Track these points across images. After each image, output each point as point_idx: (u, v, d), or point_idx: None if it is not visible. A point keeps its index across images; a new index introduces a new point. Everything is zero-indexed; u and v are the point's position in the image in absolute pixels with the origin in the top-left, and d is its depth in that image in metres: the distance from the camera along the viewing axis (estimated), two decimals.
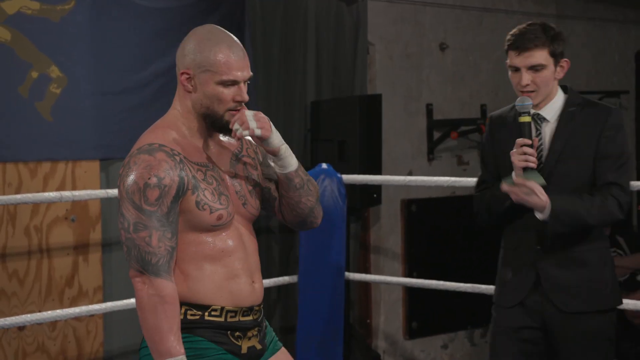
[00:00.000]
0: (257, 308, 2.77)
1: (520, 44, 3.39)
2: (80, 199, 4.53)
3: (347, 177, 5.21)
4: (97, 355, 4.98)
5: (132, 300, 4.61)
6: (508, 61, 3.46)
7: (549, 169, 3.41)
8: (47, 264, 4.80)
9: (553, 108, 3.47)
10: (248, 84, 2.76)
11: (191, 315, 2.67)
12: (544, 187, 3.32)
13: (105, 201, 4.96)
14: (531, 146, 3.31)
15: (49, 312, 4.41)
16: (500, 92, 6.94)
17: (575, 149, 3.41)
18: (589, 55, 7.55)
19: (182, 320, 2.64)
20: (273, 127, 2.67)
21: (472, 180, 5.09)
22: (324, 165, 5.18)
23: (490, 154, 3.61)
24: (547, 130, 3.46)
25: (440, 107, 6.59)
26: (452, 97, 6.67)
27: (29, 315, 4.33)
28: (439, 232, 6.52)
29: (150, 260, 2.58)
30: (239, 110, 2.70)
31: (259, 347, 2.77)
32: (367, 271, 6.18)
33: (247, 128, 2.62)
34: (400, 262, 6.40)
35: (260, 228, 5.55)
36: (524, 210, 3.42)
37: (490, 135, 3.61)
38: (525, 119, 3.36)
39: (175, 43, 5.14)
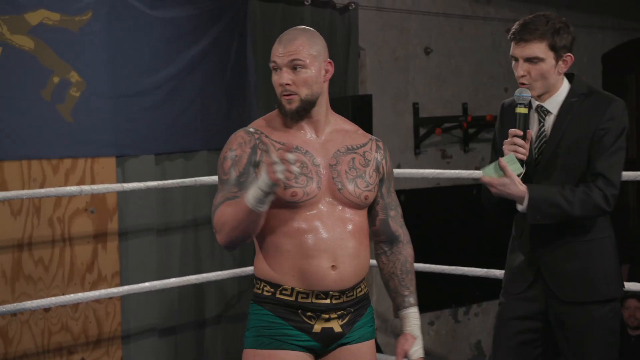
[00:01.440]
0: (337, 293, 2.64)
1: (520, 35, 3.12)
2: (98, 192, 4.52)
3: None
4: (116, 334, 4.98)
5: (147, 284, 4.61)
6: (510, 51, 3.19)
7: (546, 160, 3.17)
8: (70, 251, 4.80)
9: (556, 100, 3.18)
10: (299, 70, 2.76)
11: (266, 291, 2.65)
12: (529, 178, 3.13)
13: (121, 194, 4.95)
14: (523, 138, 3.08)
15: (72, 295, 4.41)
16: (479, 92, 6.95)
17: (572, 140, 3.13)
18: None
19: (259, 294, 2.66)
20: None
21: (455, 172, 5.09)
22: None
23: (498, 140, 3.32)
24: (550, 122, 3.18)
25: (425, 106, 6.59)
26: (436, 96, 6.67)
27: (53, 298, 4.33)
28: (426, 219, 6.53)
29: (212, 220, 2.62)
30: (286, 95, 2.71)
31: (338, 329, 2.66)
32: None
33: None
34: None
35: None
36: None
37: (500, 122, 3.36)
38: (521, 110, 3.12)
39: (184, 50, 5.21)
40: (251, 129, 2.71)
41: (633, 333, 5.96)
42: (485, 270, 4.86)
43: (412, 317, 2.85)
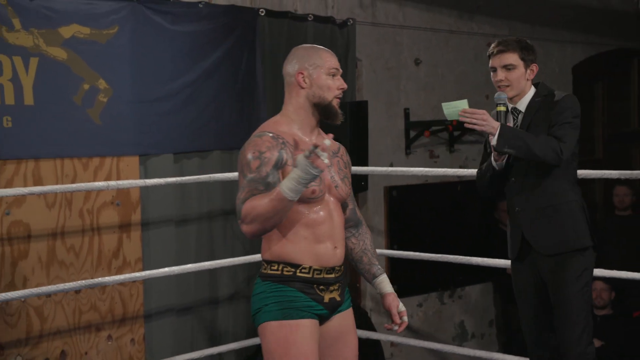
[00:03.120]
0: (338, 268, 2.88)
1: (497, 49, 3.50)
2: (123, 187, 4.53)
3: None
4: (138, 313, 4.99)
5: (166, 269, 4.62)
6: (489, 64, 3.54)
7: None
8: (98, 240, 4.80)
9: (524, 101, 3.52)
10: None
11: (286, 271, 2.80)
12: (508, 166, 3.45)
13: (144, 189, 4.96)
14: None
15: (100, 278, 4.42)
16: (463, 98, 6.93)
17: (536, 126, 3.44)
18: None
19: (278, 275, 2.81)
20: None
21: (441, 171, 5.10)
22: None
23: (487, 142, 3.63)
24: (520, 118, 3.51)
25: (415, 111, 6.59)
26: (424, 102, 6.67)
27: (83, 281, 4.33)
28: (415, 213, 6.53)
29: (237, 212, 2.69)
30: (340, 97, 2.89)
31: (338, 299, 2.90)
32: None
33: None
34: (384, 237, 6.41)
35: None
36: (508, 178, 3.51)
37: None
38: (500, 108, 3.46)
39: (200, 60, 5.22)
40: (272, 134, 2.78)
41: (599, 313, 5.96)
42: (467, 257, 4.88)
43: (387, 280, 3.08)
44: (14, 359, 4.51)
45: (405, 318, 3.02)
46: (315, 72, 2.84)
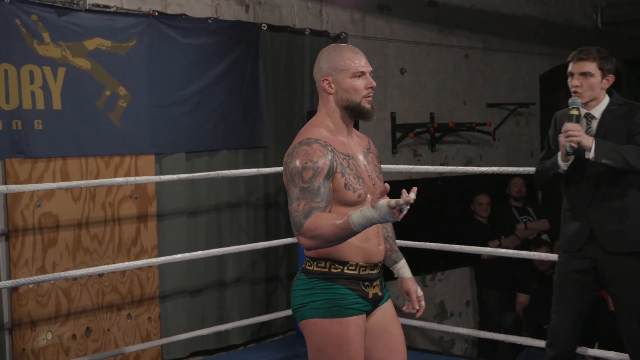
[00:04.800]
0: (380, 264, 2.68)
1: (578, 56, 3.35)
2: (140, 182, 4.53)
3: None
4: (155, 294, 4.99)
5: (179, 255, 4.63)
6: (568, 69, 3.38)
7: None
8: (118, 229, 4.81)
9: (600, 108, 3.38)
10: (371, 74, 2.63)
11: (334, 268, 2.57)
12: (582, 169, 3.32)
13: (159, 184, 4.96)
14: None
15: (120, 264, 4.42)
16: (443, 104, 6.96)
17: (614, 134, 3.33)
18: (507, 77, 7.58)
19: (326, 272, 2.57)
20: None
21: (424, 168, 5.11)
22: None
23: (552, 140, 3.50)
24: (595, 125, 3.37)
25: (400, 115, 6.60)
26: (409, 107, 6.68)
27: (105, 266, 4.34)
28: None
29: (296, 223, 2.45)
30: (369, 97, 2.60)
31: (380, 294, 2.68)
32: None
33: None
34: None
35: (270, 203, 5.57)
36: (576, 178, 3.38)
37: (553, 126, 3.52)
38: (574, 112, 3.32)
39: (209, 69, 5.22)
40: (322, 142, 2.52)
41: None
42: (447, 245, 4.90)
43: (407, 266, 2.93)
44: (45, 335, 4.52)
45: (423, 302, 2.86)
46: (339, 76, 2.57)
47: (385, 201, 2.32)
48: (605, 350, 4.29)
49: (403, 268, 2.89)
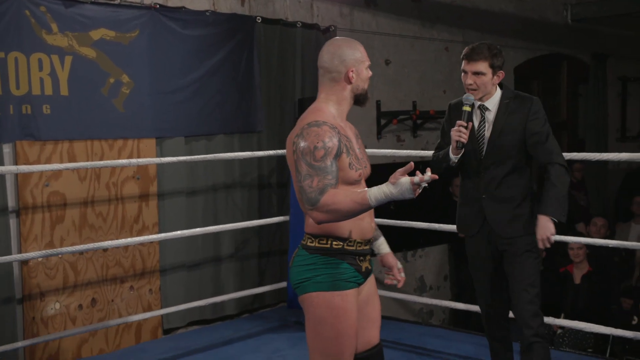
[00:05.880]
0: (371, 240, 2.72)
1: (470, 56, 3.33)
2: (142, 164, 4.53)
3: None
4: (155, 268, 5.00)
5: (178, 232, 4.63)
6: (462, 66, 3.36)
7: (492, 141, 3.34)
8: (121, 207, 4.80)
9: (493, 101, 3.37)
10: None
11: (335, 244, 2.58)
12: (479, 156, 3.33)
13: (160, 166, 4.95)
14: (466, 127, 3.28)
15: (123, 239, 4.43)
16: (425, 93, 6.96)
17: (510, 127, 3.33)
18: None
19: (328, 248, 2.58)
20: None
21: (406, 152, 5.11)
22: None
23: (447, 129, 3.48)
24: (489, 116, 3.37)
25: (385, 103, 6.61)
26: (393, 96, 6.68)
27: (109, 241, 4.35)
28: None
29: (310, 198, 2.44)
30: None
31: (370, 267, 2.71)
32: None
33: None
34: None
35: (263, 184, 5.57)
36: (469, 168, 3.39)
37: (448, 115, 3.52)
38: (466, 108, 3.32)
39: (206, 59, 5.21)
40: (330, 124, 2.53)
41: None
42: (427, 223, 4.92)
43: (385, 242, 2.93)
44: (53, 305, 4.52)
45: (403, 274, 2.88)
46: (359, 67, 2.62)
47: (407, 178, 2.37)
48: (569, 320, 4.40)
49: (382, 245, 2.92)
